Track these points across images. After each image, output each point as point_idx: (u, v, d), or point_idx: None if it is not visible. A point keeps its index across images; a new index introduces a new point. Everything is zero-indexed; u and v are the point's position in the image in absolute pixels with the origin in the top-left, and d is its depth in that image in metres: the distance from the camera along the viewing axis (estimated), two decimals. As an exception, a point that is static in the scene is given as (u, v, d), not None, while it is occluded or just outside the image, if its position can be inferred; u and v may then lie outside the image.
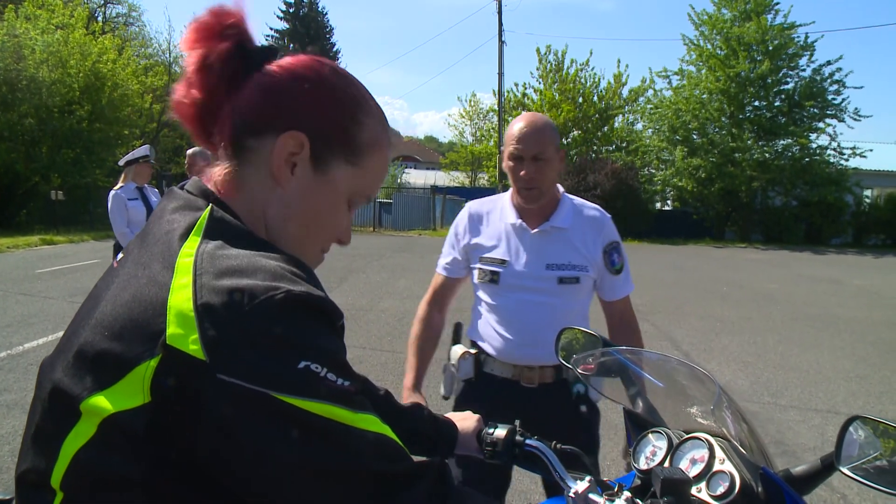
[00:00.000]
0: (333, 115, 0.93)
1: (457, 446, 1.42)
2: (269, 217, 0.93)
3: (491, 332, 2.31)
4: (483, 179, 40.60)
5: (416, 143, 78.67)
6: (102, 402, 0.74)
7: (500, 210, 2.38)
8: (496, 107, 31.09)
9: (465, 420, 1.46)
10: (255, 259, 0.80)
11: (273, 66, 0.92)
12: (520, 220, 2.31)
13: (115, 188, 6.62)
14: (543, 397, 2.23)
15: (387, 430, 0.81)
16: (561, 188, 2.39)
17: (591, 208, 2.40)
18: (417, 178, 45.06)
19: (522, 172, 2.21)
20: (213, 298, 0.74)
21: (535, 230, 2.29)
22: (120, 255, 0.93)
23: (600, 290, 2.37)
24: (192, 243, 0.81)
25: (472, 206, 2.47)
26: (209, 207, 0.87)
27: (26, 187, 22.71)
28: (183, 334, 0.72)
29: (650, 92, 28.98)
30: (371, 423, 0.79)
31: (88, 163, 23.27)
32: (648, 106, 28.46)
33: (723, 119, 25.80)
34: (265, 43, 0.95)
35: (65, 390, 0.78)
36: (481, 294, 2.38)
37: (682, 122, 25.87)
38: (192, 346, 0.72)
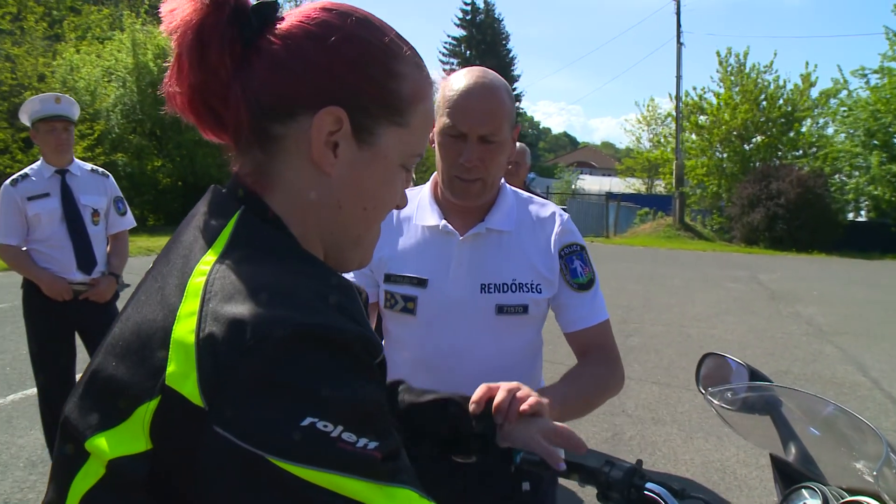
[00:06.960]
0: (367, 74, 0.78)
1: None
2: (319, 209, 0.80)
3: None
4: (660, 186, 39.54)
5: (591, 148, 79.41)
6: (105, 445, 0.66)
7: (417, 209, 1.70)
8: (674, 112, 29.90)
9: None
10: (274, 277, 0.68)
11: (281, 30, 0.76)
12: (443, 222, 1.64)
13: None
14: (477, 470, 1.50)
15: None
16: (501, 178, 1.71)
17: (541, 203, 1.74)
18: (592, 184, 45.28)
19: (463, 157, 1.54)
20: (215, 329, 0.63)
21: (466, 235, 1.63)
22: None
23: (560, 317, 1.68)
24: (210, 259, 0.70)
25: None
26: (238, 212, 0.75)
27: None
28: (182, 374, 0.62)
29: (843, 93, 26.56)
30: (403, 498, 0.63)
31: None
32: (842, 108, 26.07)
33: (931, 121, 23.09)
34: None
35: (74, 425, 0.70)
36: (392, 329, 1.71)
37: (881, 125, 23.40)
38: (190, 388, 0.61)
